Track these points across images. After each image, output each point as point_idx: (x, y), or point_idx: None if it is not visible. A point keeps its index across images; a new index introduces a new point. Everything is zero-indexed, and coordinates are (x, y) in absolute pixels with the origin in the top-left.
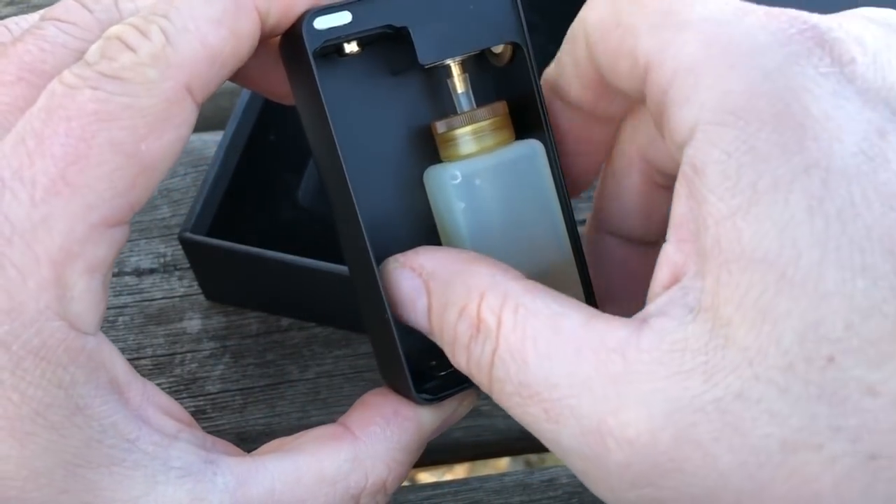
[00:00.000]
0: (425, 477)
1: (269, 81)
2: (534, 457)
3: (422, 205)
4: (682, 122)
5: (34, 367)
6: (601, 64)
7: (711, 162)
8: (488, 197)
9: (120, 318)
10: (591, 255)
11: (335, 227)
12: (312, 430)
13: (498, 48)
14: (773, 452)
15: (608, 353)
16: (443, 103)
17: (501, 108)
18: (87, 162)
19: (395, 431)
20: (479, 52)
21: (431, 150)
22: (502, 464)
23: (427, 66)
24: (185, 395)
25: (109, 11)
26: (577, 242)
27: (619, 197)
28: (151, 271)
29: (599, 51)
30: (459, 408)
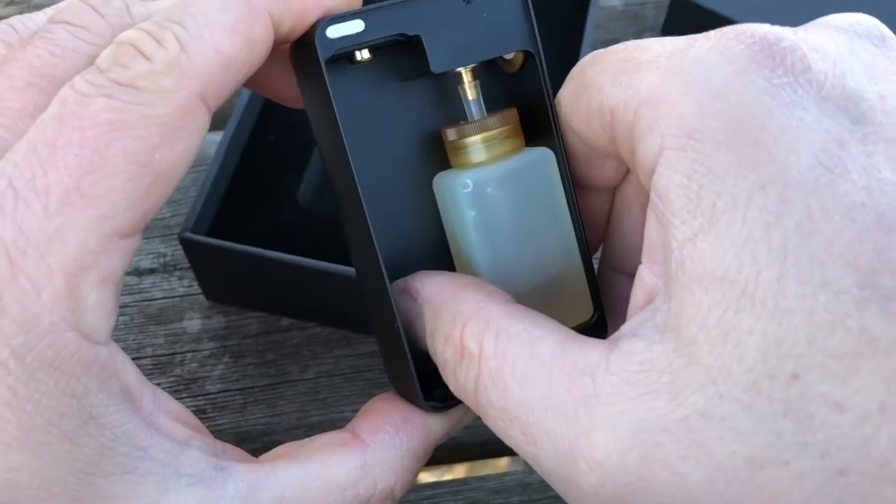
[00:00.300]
0: (425, 477)
1: (278, 85)
2: None
3: (431, 210)
4: (647, 152)
5: (48, 378)
6: (579, 131)
7: (674, 186)
8: (499, 205)
9: (120, 318)
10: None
11: (342, 232)
12: (321, 436)
13: (509, 55)
14: (740, 469)
15: (579, 375)
16: (452, 109)
17: (512, 116)
18: (101, 172)
19: (403, 439)
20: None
21: (440, 156)
22: (502, 464)
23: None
24: (185, 395)
25: (121, 15)
26: (586, 249)
27: (622, 234)
28: (151, 271)
29: (574, 120)
30: (466, 414)
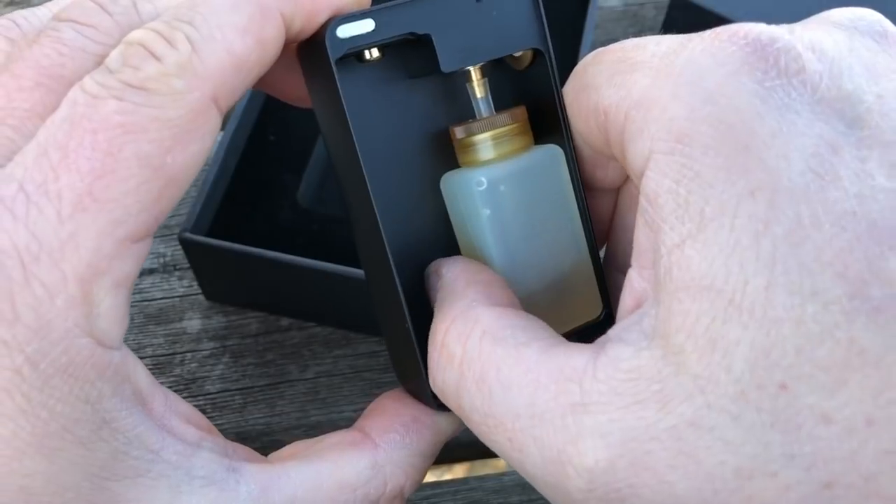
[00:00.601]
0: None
1: (286, 84)
2: None
3: (439, 209)
4: (637, 155)
5: (62, 384)
6: (580, 131)
7: (663, 192)
8: (512, 202)
9: None
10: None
11: (341, 232)
12: (331, 435)
13: (519, 53)
14: (727, 479)
15: (566, 382)
16: (460, 107)
17: (521, 114)
18: (113, 176)
19: (414, 438)
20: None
21: (448, 155)
22: (502, 463)
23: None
24: (185, 395)
25: (129, 14)
26: (594, 244)
27: (625, 233)
28: (151, 271)
29: (575, 120)
30: None
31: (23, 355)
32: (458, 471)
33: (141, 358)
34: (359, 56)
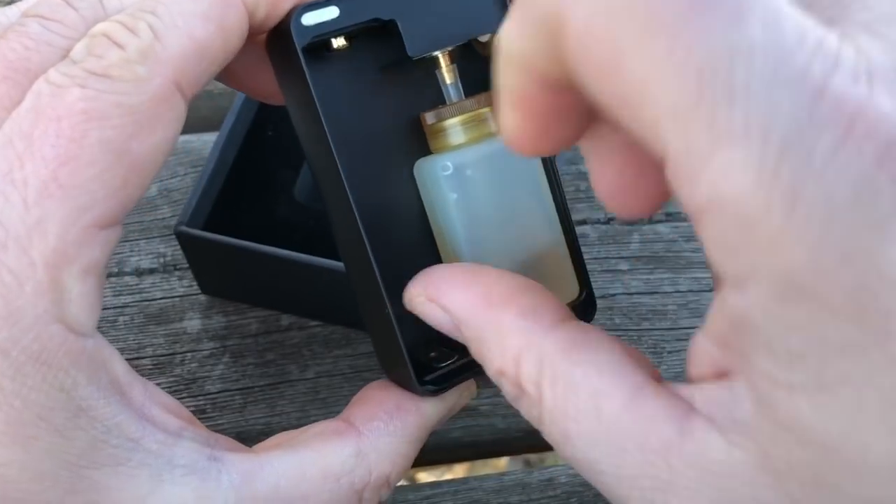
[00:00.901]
0: (424, 476)
1: (256, 80)
2: (533, 456)
3: (414, 197)
4: (733, 268)
5: (35, 371)
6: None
7: (768, 333)
8: (480, 187)
9: (120, 318)
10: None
11: (329, 224)
12: (315, 424)
13: (485, 37)
14: None
15: (654, 454)
16: (433, 97)
17: (490, 98)
18: (78, 162)
19: (398, 426)
20: (466, 42)
21: (422, 143)
22: (501, 463)
23: (416, 59)
24: (185, 395)
25: (94, 9)
26: (570, 226)
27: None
28: (151, 271)
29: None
30: (461, 398)
31: None
32: (458, 471)
33: (141, 358)
34: (327, 45)
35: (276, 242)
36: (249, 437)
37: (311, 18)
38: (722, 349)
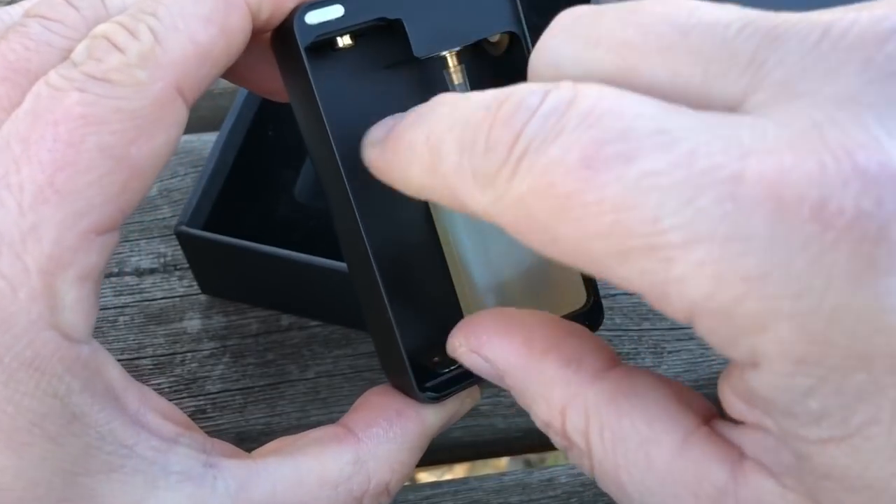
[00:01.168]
0: (425, 477)
1: (261, 77)
2: (533, 456)
3: (418, 201)
4: (734, 356)
5: (28, 378)
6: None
7: (785, 403)
8: None
9: (120, 318)
10: None
11: (332, 224)
12: (314, 430)
13: (494, 37)
14: None
15: (708, 499)
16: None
17: None
18: (75, 168)
19: (398, 433)
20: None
21: None
22: (502, 463)
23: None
24: (185, 395)
25: (96, 9)
26: None
27: None
28: (152, 271)
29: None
30: (463, 405)
31: None
32: (458, 471)
33: (141, 358)
34: (332, 44)
35: (276, 242)
36: (250, 436)
37: (314, 17)
38: (749, 406)
